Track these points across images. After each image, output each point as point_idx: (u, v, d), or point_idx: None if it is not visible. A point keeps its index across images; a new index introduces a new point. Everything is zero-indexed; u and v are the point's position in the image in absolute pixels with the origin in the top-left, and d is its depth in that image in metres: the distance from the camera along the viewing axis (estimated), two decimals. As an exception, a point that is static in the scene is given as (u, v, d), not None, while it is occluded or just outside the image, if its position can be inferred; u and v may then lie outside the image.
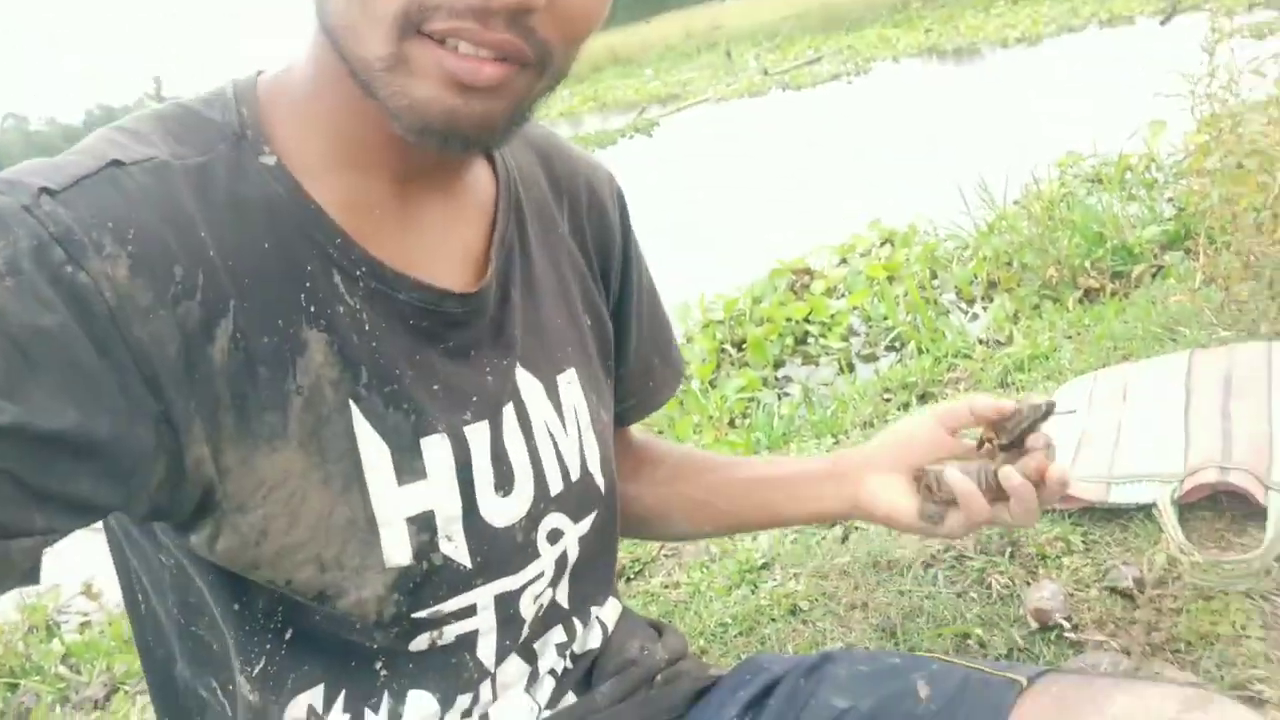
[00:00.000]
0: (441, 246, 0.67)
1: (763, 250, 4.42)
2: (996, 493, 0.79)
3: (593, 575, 0.81)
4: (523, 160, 0.78)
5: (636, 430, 1.00)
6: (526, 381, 0.72)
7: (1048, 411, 0.80)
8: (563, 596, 0.78)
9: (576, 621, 0.79)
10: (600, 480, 0.78)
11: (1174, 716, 0.63)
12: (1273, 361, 1.58)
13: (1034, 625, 1.20)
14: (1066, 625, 1.19)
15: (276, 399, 0.59)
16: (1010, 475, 0.77)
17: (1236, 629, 1.12)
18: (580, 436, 0.76)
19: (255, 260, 0.58)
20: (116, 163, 0.55)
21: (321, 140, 0.62)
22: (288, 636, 0.65)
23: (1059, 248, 3.13)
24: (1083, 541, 1.36)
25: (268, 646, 0.65)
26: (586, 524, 0.77)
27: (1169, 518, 1.31)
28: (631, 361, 0.89)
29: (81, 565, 2.80)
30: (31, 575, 0.53)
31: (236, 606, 0.64)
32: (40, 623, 2.62)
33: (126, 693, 2.07)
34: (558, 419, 0.74)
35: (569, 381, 0.76)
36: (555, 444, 0.73)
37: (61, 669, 2.27)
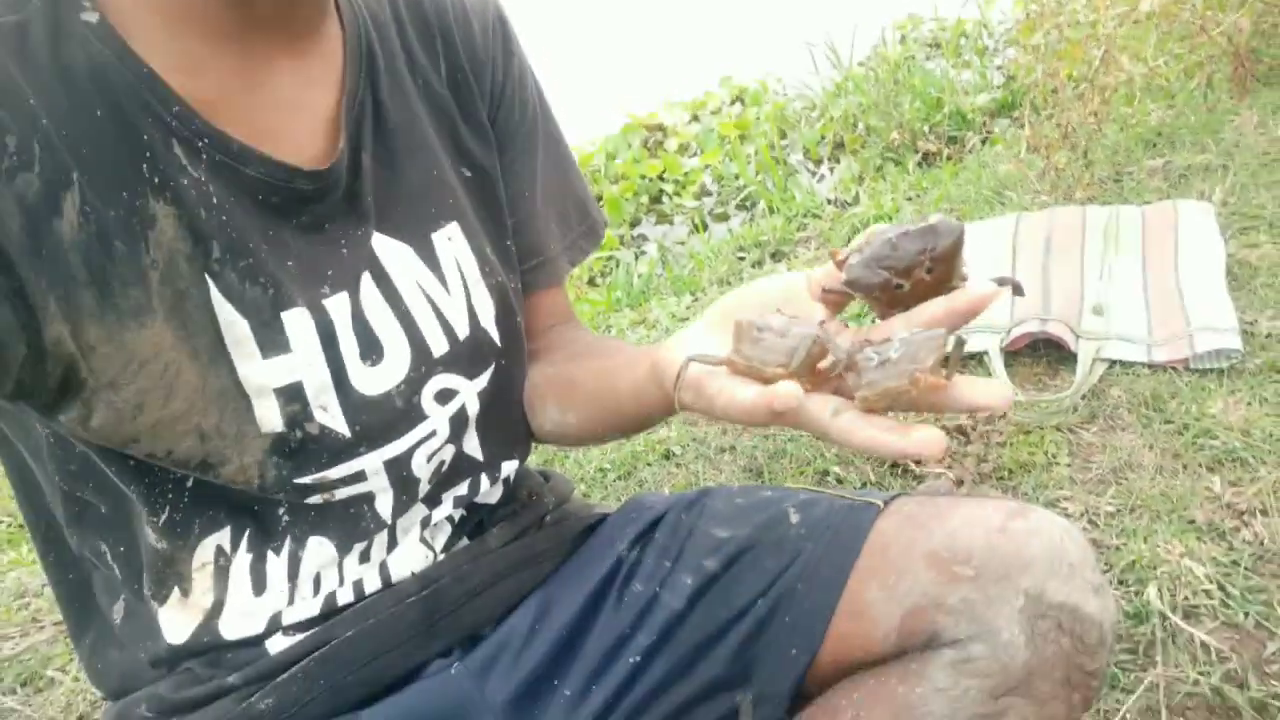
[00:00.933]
0: (291, 113, 0.65)
1: (613, 102, 4.37)
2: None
3: (504, 427, 0.82)
4: (376, 8, 0.74)
5: (553, 306, 0.90)
6: (387, 247, 0.71)
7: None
8: (473, 448, 0.79)
9: (484, 476, 0.81)
10: (495, 333, 0.78)
11: (1001, 524, 0.74)
12: (1086, 224, 1.77)
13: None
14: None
15: (135, 274, 0.57)
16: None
17: (1049, 458, 1.31)
18: (468, 292, 0.76)
19: (89, 129, 0.55)
20: None
21: None
22: (189, 485, 0.66)
23: (901, 112, 3.27)
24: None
25: (170, 495, 0.66)
26: (484, 379, 0.78)
27: (997, 363, 1.48)
28: (528, 211, 0.84)
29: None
30: None
31: (132, 463, 0.64)
32: None
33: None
34: (435, 279, 0.74)
35: (448, 238, 0.75)
36: (434, 304, 0.73)
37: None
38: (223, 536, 0.69)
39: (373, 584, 0.74)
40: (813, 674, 0.77)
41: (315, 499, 0.70)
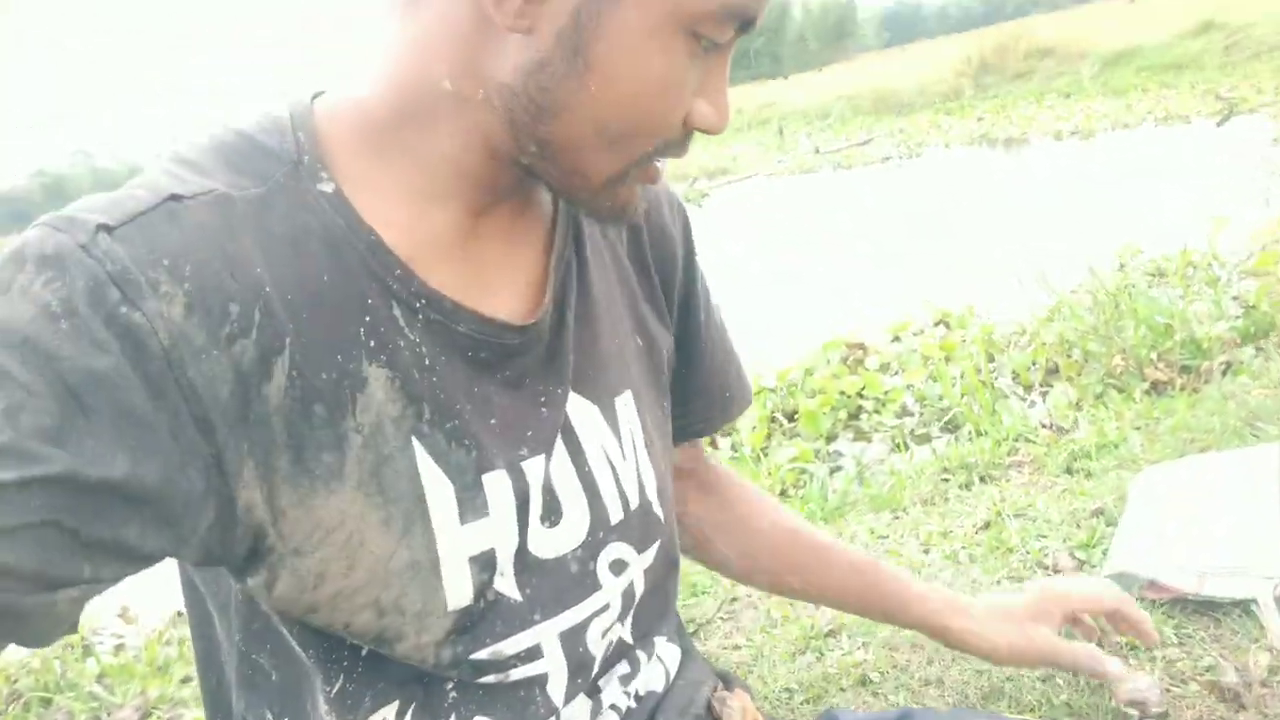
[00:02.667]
0: (501, 273, 0.66)
1: (814, 327, 4.41)
2: None
3: (654, 606, 0.79)
4: None
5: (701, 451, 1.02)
6: (580, 407, 0.70)
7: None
8: (628, 631, 0.75)
9: (640, 654, 0.77)
10: (659, 508, 0.76)
11: None
12: (1372, 461, 1.53)
13: (1134, 715, 1.14)
14: (1163, 720, 1.13)
15: (333, 439, 0.57)
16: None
17: (1351, 736, 1.06)
18: (638, 461, 0.74)
19: (313, 293, 0.56)
20: (175, 196, 0.53)
21: (392, 169, 0.60)
22: (364, 653, 0.64)
23: (1123, 338, 3.08)
24: (1175, 634, 1.30)
25: (345, 664, 0.63)
26: (651, 554, 0.75)
27: (1271, 614, 1.25)
28: (704, 372, 0.88)
29: (118, 588, 2.80)
30: (73, 625, 0.52)
31: (313, 629, 0.62)
32: (76, 642, 2.60)
33: (158, 717, 2.04)
34: (616, 444, 0.72)
35: (625, 404, 0.74)
36: (614, 470, 0.71)
37: (96, 688, 2.25)
38: (389, 711, 0.65)
39: None
40: None
41: (489, 678, 0.65)
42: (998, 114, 13.83)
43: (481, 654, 0.64)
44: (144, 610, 2.85)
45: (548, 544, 0.67)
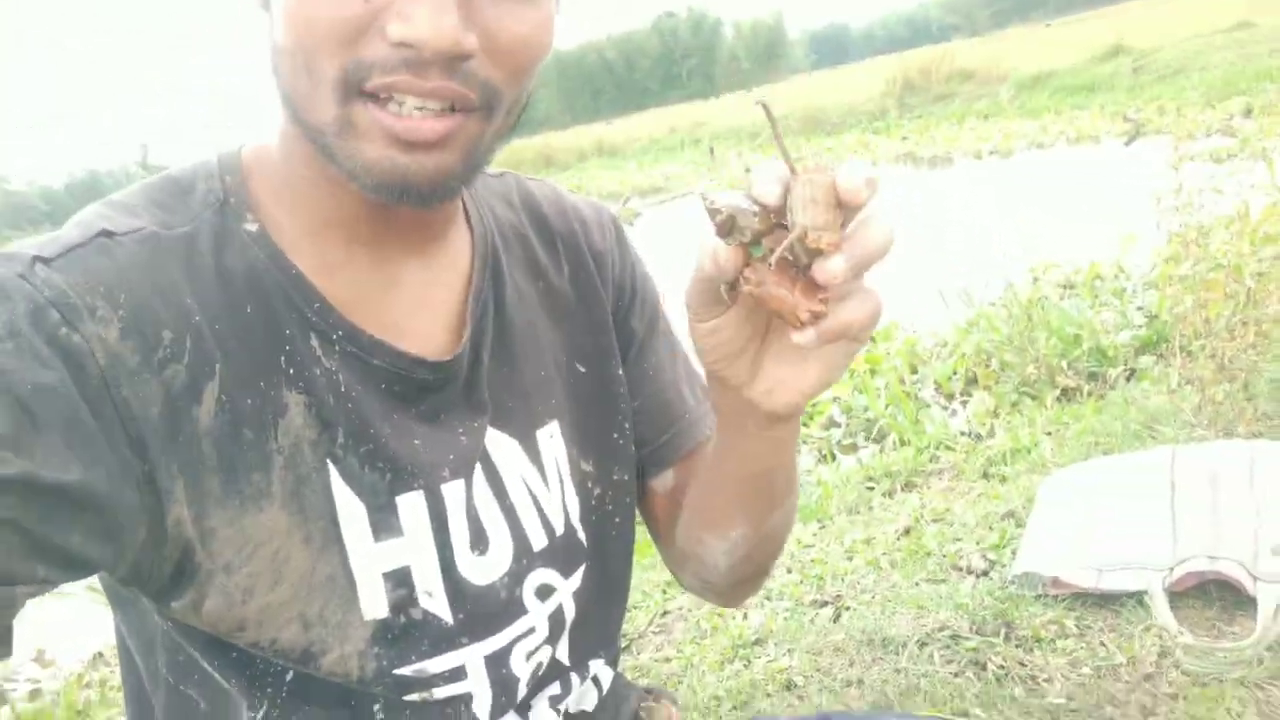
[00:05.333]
0: (418, 310, 0.69)
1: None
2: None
3: (593, 630, 0.80)
4: (504, 216, 0.79)
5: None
6: (498, 441, 0.72)
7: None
8: (563, 654, 0.77)
9: (574, 676, 0.78)
10: (582, 534, 0.78)
11: None
12: (1255, 461, 1.63)
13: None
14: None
15: (260, 459, 0.60)
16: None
17: (1234, 716, 1.13)
18: (563, 489, 0.76)
19: (239, 325, 0.60)
20: (106, 233, 0.57)
21: (299, 207, 0.64)
22: (288, 678, 0.65)
23: (1037, 347, 3.22)
24: (1076, 625, 1.38)
25: (269, 690, 0.65)
26: (577, 579, 0.77)
27: (1161, 603, 1.33)
28: (651, 388, 0.85)
29: (33, 630, 2.71)
30: (4, 644, 0.52)
31: (234, 655, 0.64)
32: (-13, 687, 2.51)
33: (81, 760, 1.98)
34: (538, 475, 0.74)
35: (550, 435, 0.76)
36: (535, 500, 0.73)
37: (12, 734, 2.17)
38: None
39: None
40: None
41: (413, 696, 0.67)
42: (921, 134, 14.25)
43: (405, 670, 0.66)
44: (60, 653, 2.76)
45: (479, 571, 0.69)
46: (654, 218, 11.42)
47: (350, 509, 0.63)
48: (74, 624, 2.40)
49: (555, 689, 0.77)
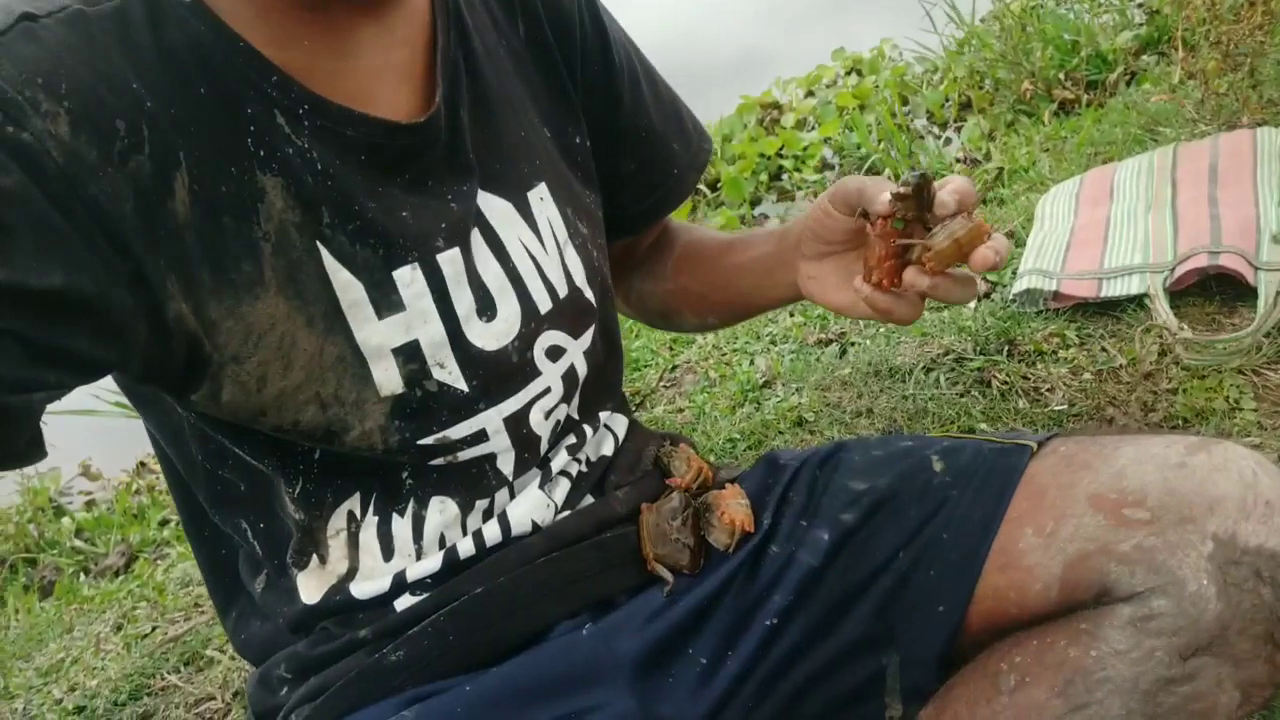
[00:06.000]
0: (381, 73, 0.64)
1: (726, 86, 4.30)
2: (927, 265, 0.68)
3: (598, 384, 0.82)
4: None
5: (674, 220, 0.97)
6: (492, 204, 0.70)
7: (923, 178, 0.68)
8: (574, 409, 0.79)
9: (586, 427, 0.81)
10: (590, 294, 0.78)
11: (1179, 459, 0.65)
12: (1258, 147, 1.59)
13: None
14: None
15: (247, 247, 0.58)
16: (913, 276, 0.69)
17: (1231, 403, 1.18)
18: (561, 252, 0.75)
19: (194, 107, 0.56)
20: (28, 15, 0.51)
21: None
22: (316, 456, 0.67)
23: (1032, 61, 3.07)
24: (1077, 336, 1.41)
25: (301, 467, 0.67)
26: (587, 338, 0.78)
27: (1161, 302, 1.35)
28: (641, 149, 0.85)
29: (76, 448, 2.82)
30: (37, 446, 0.54)
31: (262, 438, 0.65)
32: (45, 504, 2.65)
33: (146, 558, 2.12)
34: (534, 237, 0.73)
35: (541, 197, 0.74)
36: (536, 262, 0.73)
37: (77, 543, 2.31)
38: (353, 502, 0.70)
39: (493, 536, 0.73)
40: (965, 637, 0.72)
41: (439, 461, 0.70)
42: None
43: (428, 440, 0.68)
44: (106, 464, 2.88)
45: (488, 337, 0.69)
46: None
47: (348, 288, 0.62)
48: (115, 434, 2.48)
49: (571, 439, 0.79)
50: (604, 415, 0.84)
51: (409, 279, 0.65)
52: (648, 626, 0.73)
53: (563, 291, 0.75)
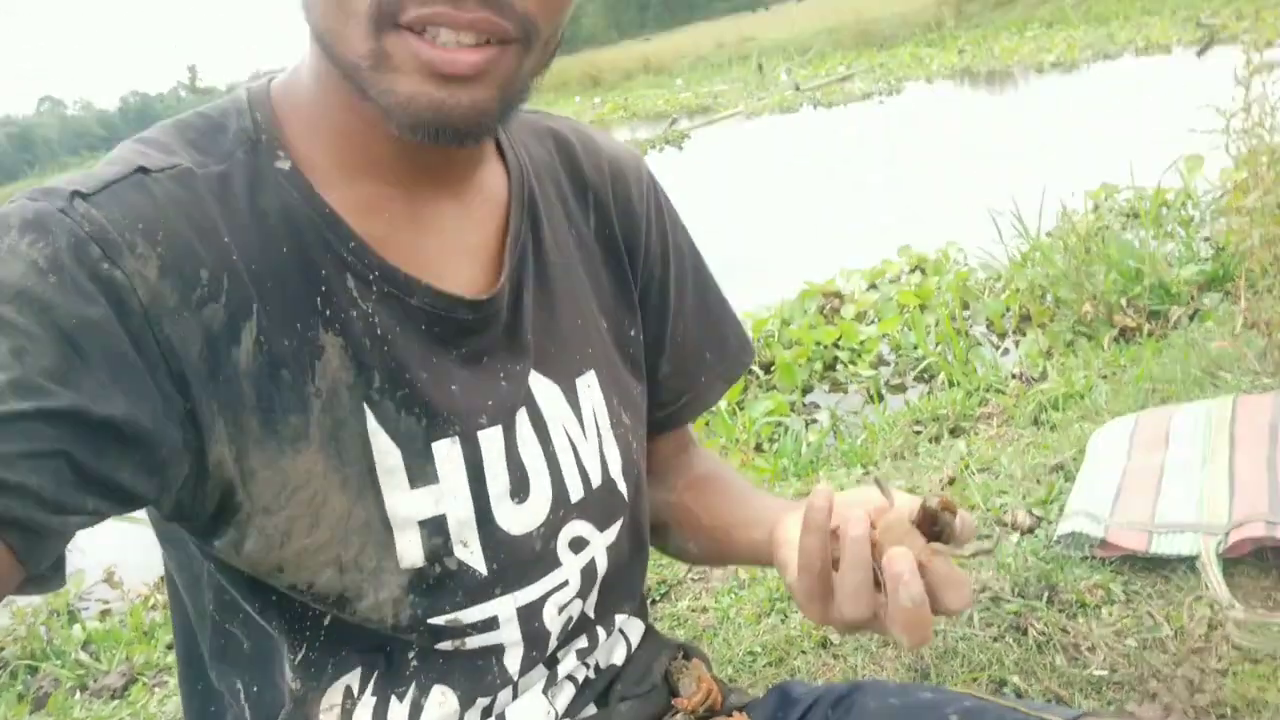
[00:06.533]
0: (454, 249, 0.67)
1: (792, 270, 4.41)
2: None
3: (620, 585, 0.80)
4: (539, 155, 0.77)
5: (690, 432, 0.95)
6: (542, 386, 0.72)
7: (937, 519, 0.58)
8: (590, 607, 0.77)
9: (600, 629, 0.79)
10: (623, 486, 0.77)
11: None
12: (1321, 416, 1.56)
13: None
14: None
15: (298, 402, 0.60)
16: (895, 560, 0.56)
17: (1284, 694, 1.10)
18: (600, 440, 0.75)
19: (275, 265, 0.60)
20: (143, 169, 0.57)
21: (330, 144, 0.63)
22: (326, 622, 0.66)
23: (1094, 283, 3.10)
24: (1123, 591, 1.35)
25: (308, 633, 0.66)
26: (613, 532, 0.77)
27: (1213, 572, 1.29)
28: (677, 356, 0.86)
29: (104, 553, 2.83)
30: (58, 573, 0.55)
31: (274, 598, 0.65)
32: (62, 608, 2.64)
33: (144, 684, 2.08)
34: (577, 423, 0.73)
35: (588, 384, 0.75)
36: (575, 449, 0.73)
37: (82, 655, 2.29)
38: (353, 678, 0.68)
39: None
40: None
41: (446, 644, 0.68)
42: (979, 46, 13.66)
43: (439, 619, 0.66)
44: (129, 574, 2.89)
45: (516, 520, 0.69)
46: (702, 138, 11.19)
47: (386, 454, 0.63)
48: (143, 544, 2.49)
49: (583, 642, 0.77)
50: (620, 619, 0.82)
51: (447, 452, 0.65)
52: None
53: (596, 481, 0.74)
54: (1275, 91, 2.47)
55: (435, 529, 0.65)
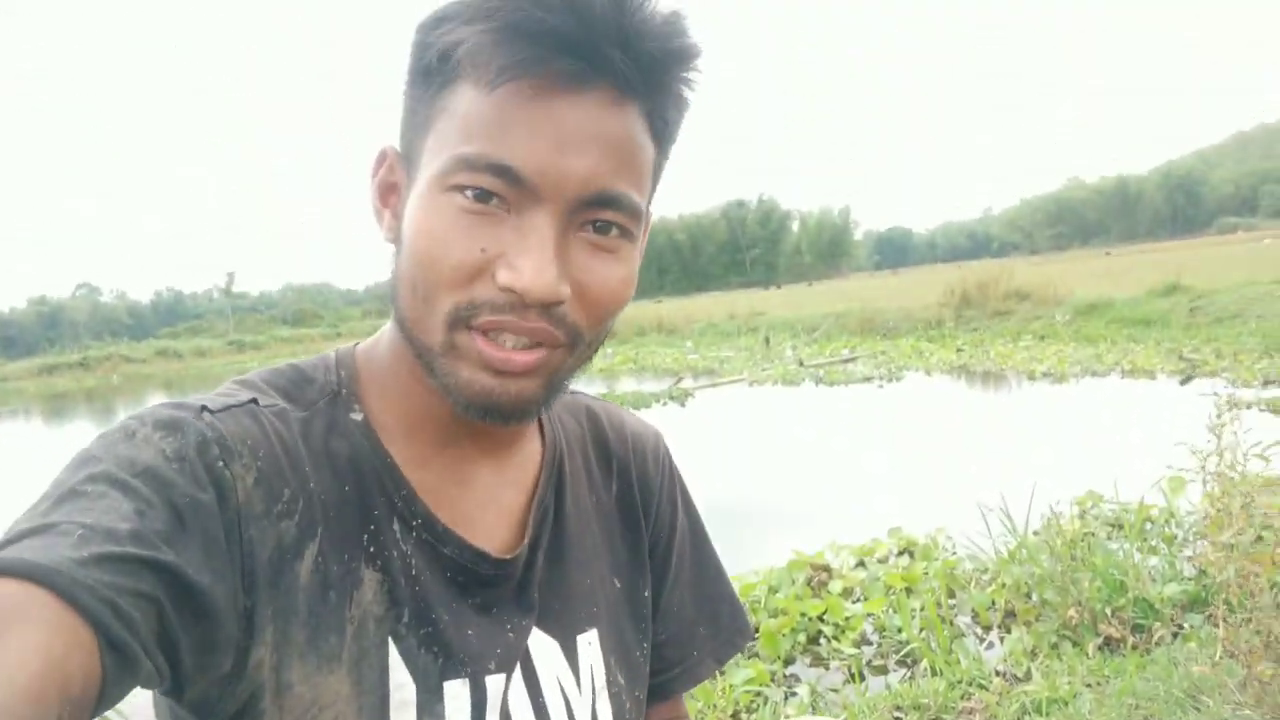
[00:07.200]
0: (488, 507, 0.76)
1: (782, 537, 4.47)
2: None
3: None
4: (572, 427, 0.87)
5: (683, 705, 0.98)
6: (540, 642, 0.77)
7: None
8: None
9: None
10: None
11: None
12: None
13: None
14: None
15: (338, 624, 0.66)
16: None
17: None
18: (594, 697, 0.79)
19: (338, 499, 0.69)
20: (255, 402, 0.69)
21: (397, 405, 0.74)
22: None
23: (1080, 589, 3.14)
24: None
25: None
26: None
27: None
28: (673, 624, 0.91)
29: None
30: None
31: None
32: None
33: None
34: (573, 678, 0.78)
35: (589, 642, 0.80)
36: (567, 702, 0.77)
37: None
38: None
39: None
40: None
41: None
42: (976, 347, 14.42)
43: None
44: None
45: None
46: (705, 397, 11.57)
47: (402, 688, 0.68)
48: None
49: None
50: None
51: (456, 692, 0.70)
52: None
53: None
54: (1246, 440, 2.67)
55: None
